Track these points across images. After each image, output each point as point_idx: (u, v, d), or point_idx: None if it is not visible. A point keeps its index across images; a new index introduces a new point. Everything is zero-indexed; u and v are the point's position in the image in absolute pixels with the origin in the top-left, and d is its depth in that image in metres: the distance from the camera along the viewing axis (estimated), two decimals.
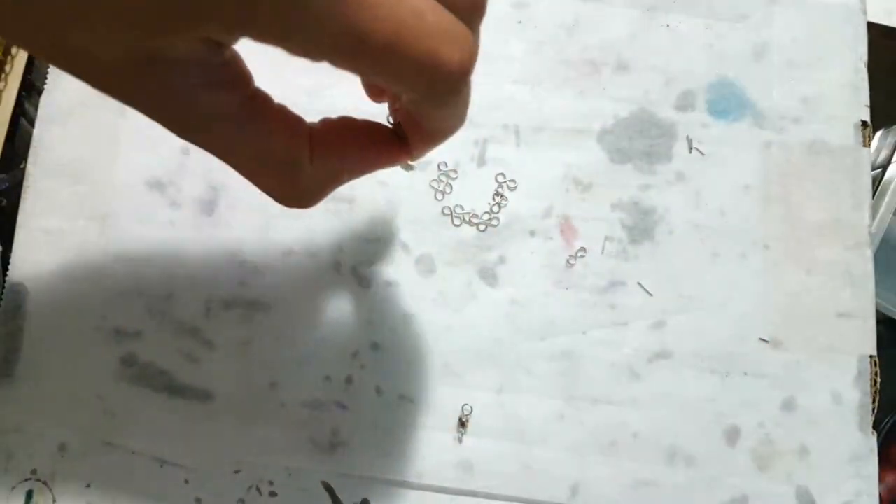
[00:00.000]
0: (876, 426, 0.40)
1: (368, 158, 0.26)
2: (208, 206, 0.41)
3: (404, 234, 0.41)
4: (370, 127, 0.27)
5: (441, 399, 0.39)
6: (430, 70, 0.20)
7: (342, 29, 0.20)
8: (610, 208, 0.42)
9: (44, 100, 0.42)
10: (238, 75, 0.23)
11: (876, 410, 0.40)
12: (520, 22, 0.44)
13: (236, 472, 0.39)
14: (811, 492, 0.39)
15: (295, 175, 0.24)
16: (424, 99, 0.23)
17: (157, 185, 0.41)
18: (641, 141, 0.43)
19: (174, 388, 0.39)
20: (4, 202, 0.42)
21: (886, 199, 0.44)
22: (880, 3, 0.46)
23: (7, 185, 0.42)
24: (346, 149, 0.25)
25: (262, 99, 0.24)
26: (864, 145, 0.43)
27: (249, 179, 0.24)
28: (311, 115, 0.26)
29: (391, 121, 0.27)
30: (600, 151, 0.42)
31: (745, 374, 0.40)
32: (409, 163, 0.26)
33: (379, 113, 0.30)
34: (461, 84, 0.22)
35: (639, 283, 0.41)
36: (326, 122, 0.26)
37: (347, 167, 0.26)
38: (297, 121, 0.25)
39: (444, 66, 0.21)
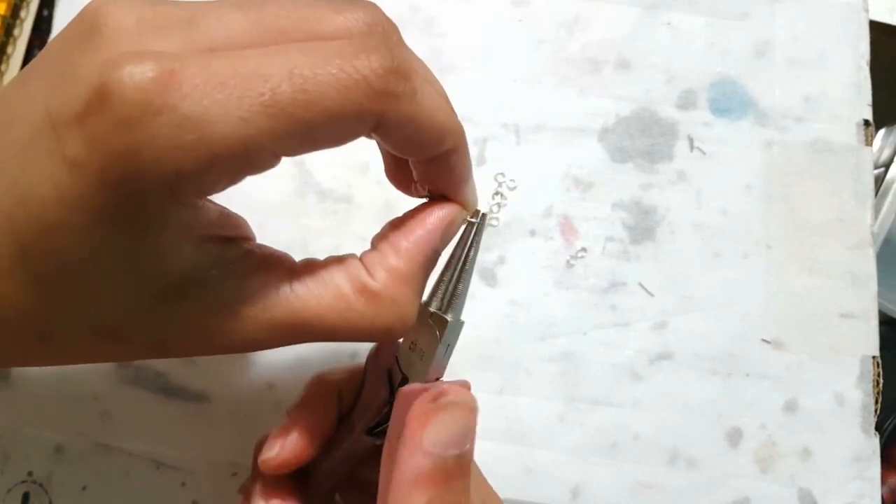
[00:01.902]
0: (878, 427, 0.40)
1: (435, 231, 0.26)
2: None
3: None
4: (418, 211, 0.27)
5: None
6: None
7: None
8: (611, 208, 0.42)
9: None
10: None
11: (878, 411, 0.40)
12: (520, 20, 0.44)
13: (233, 474, 0.38)
14: (813, 493, 0.39)
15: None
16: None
17: None
18: (642, 140, 0.42)
19: (170, 390, 0.39)
20: None
21: (889, 198, 0.44)
22: (882, 1, 0.45)
23: None
24: (413, 240, 0.26)
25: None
26: (867, 144, 0.42)
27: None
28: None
29: (424, 193, 0.28)
30: (601, 150, 0.42)
31: (747, 375, 0.40)
32: (471, 210, 0.27)
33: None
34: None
35: (640, 284, 0.41)
36: (383, 236, 0.26)
37: (428, 252, 0.26)
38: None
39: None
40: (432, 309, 0.26)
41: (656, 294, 0.41)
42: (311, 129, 0.20)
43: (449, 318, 0.25)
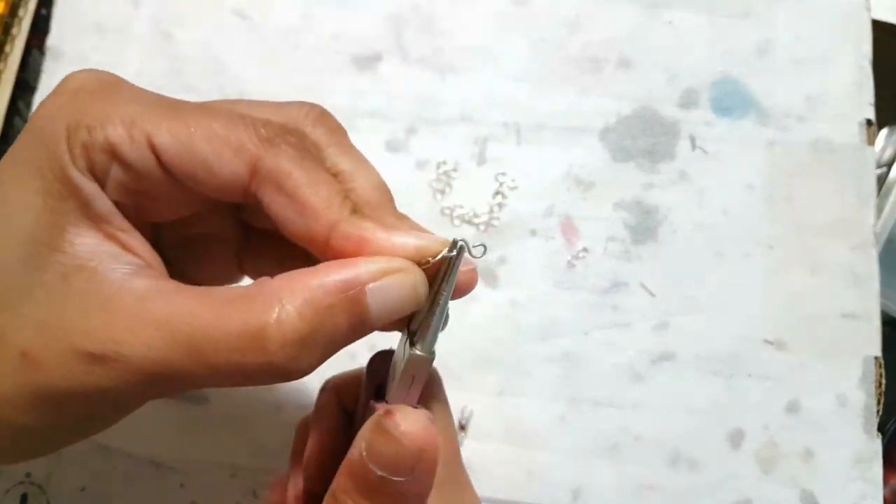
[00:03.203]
0: (881, 428, 0.39)
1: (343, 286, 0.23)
2: None
3: None
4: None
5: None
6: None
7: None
8: (612, 208, 0.41)
9: (37, 98, 0.42)
10: None
11: (881, 412, 0.40)
12: (520, 18, 0.43)
13: (232, 475, 0.38)
14: (815, 495, 0.39)
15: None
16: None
17: None
18: (644, 139, 0.42)
19: None
20: None
21: (891, 198, 0.43)
22: (884, 0, 0.45)
23: None
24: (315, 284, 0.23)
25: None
26: (869, 144, 0.42)
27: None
28: None
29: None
30: (602, 150, 0.42)
31: (749, 375, 0.40)
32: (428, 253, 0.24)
33: None
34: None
35: (641, 284, 0.41)
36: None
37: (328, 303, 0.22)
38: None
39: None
40: (406, 336, 0.24)
41: (658, 294, 0.40)
42: (190, 134, 0.22)
43: (416, 351, 0.24)
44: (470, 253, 0.23)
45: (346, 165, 0.25)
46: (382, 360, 0.28)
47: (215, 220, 0.27)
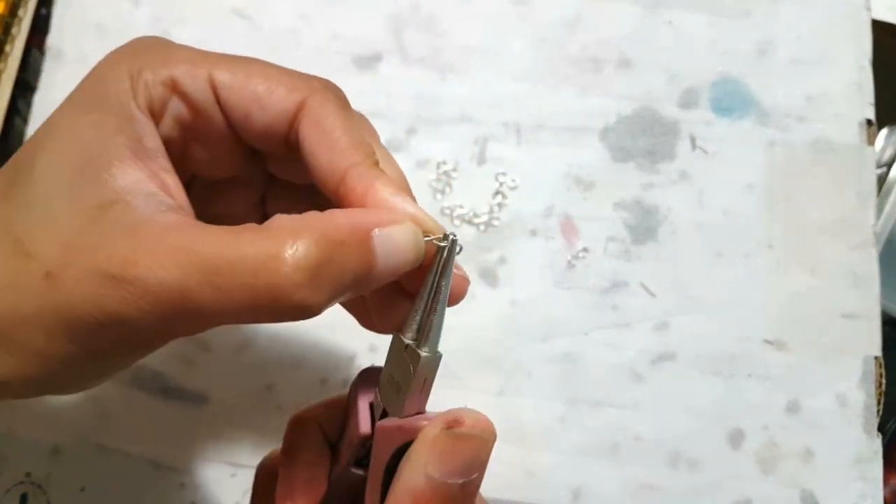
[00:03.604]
0: (881, 428, 0.39)
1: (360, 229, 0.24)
2: None
3: None
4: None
5: (440, 401, 0.39)
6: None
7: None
8: (612, 208, 0.41)
9: (37, 98, 0.42)
10: None
11: (881, 412, 0.40)
12: (520, 18, 0.43)
13: (232, 475, 0.38)
14: (815, 495, 0.39)
15: None
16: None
17: None
18: (644, 139, 0.42)
19: (169, 391, 0.39)
20: None
21: (891, 197, 0.43)
22: (884, 0, 0.45)
23: None
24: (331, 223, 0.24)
25: None
26: (869, 144, 0.42)
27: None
28: None
29: None
30: (602, 150, 0.42)
31: (749, 375, 0.40)
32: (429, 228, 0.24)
33: None
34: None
35: (641, 284, 0.41)
36: None
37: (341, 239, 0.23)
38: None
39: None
40: (407, 341, 0.24)
41: (658, 294, 0.40)
42: (247, 71, 0.25)
43: (423, 352, 0.24)
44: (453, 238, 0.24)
45: (378, 152, 0.26)
46: (370, 378, 0.27)
47: (244, 166, 0.28)
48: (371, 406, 0.26)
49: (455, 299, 0.25)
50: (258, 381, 0.39)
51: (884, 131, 0.45)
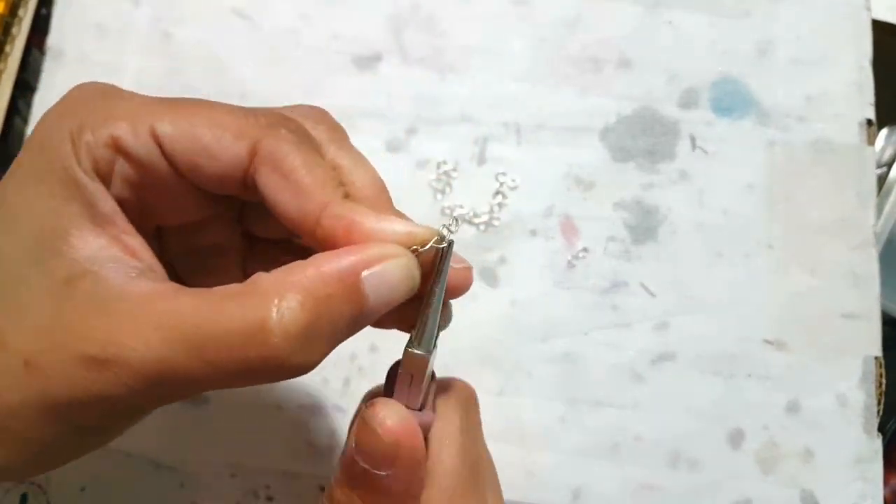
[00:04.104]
0: (881, 428, 0.39)
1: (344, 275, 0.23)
2: None
3: None
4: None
5: None
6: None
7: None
8: (612, 208, 0.41)
9: (37, 98, 0.42)
10: None
11: (881, 412, 0.40)
12: (520, 18, 0.43)
13: (232, 475, 0.38)
14: (815, 495, 0.39)
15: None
16: None
17: None
18: (644, 139, 0.42)
19: None
20: None
21: (891, 197, 0.43)
22: (884, 0, 0.45)
23: None
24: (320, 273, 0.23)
25: None
26: (869, 144, 0.42)
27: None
28: None
29: None
30: (602, 150, 0.42)
31: (749, 375, 0.40)
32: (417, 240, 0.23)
33: None
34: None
35: (641, 284, 0.41)
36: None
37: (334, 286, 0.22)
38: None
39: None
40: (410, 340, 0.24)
41: (658, 294, 0.40)
42: (191, 121, 0.23)
43: (411, 350, 0.24)
44: (449, 230, 0.23)
45: (345, 161, 0.25)
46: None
47: (219, 230, 0.27)
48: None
49: (460, 291, 0.25)
50: None
51: (884, 131, 0.45)
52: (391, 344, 0.39)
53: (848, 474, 0.39)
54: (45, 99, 0.41)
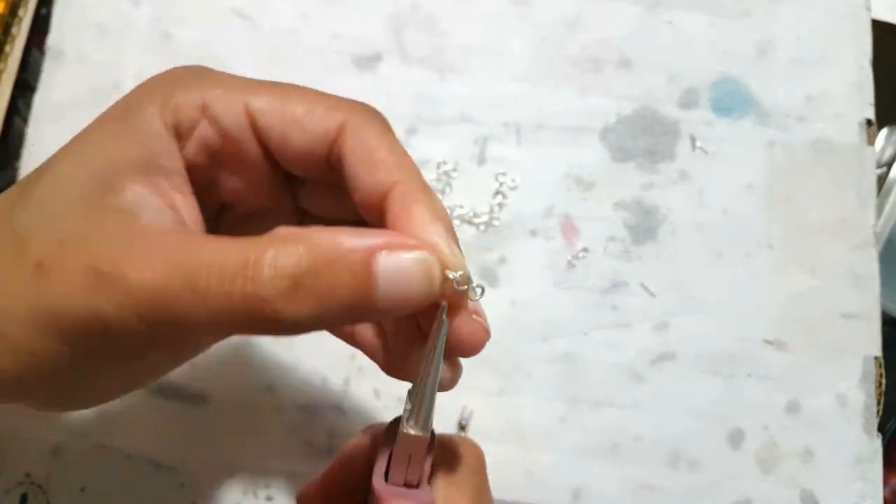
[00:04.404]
0: (881, 428, 0.39)
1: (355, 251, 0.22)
2: None
3: None
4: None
5: (440, 401, 0.39)
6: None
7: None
8: (612, 208, 0.41)
9: (37, 98, 0.42)
10: None
11: (881, 412, 0.40)
12: (520, 18, 0.43)
13: (232, 475, 0.38)
14: (815, 495, 0.39)
15: None
16: None
17: None
18: (644, 139, 0.42)
19: (169, 391, 0.38)
20: None
21: (891, 197, 0.43)
22: (884, 0, 0.45)
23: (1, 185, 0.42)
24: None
25: None
26: (869, 144, 0.42)
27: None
28: None
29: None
30: (602, 150, 0.42)
31: (749, 375, 0.40)
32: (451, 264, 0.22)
33: None
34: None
35: (641, 284, 0.41)
36: None
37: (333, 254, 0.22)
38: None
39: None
40: (406, 409, 0.23)
41: (658, 294, 0.40)
42: (286, 96, 0.24)
43: (407, 429, 0.22)
44: (468, 286, 0.22)
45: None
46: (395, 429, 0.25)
47: (276, 197, 0.28)
48: (390, 456, 0.25)
49: (468, 350, 0.24)
50: (258, 382, 0.39)
51: (884, 131, 0.45)
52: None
53: (848, 474, 0.39)
54: (45, 99, 0.41)
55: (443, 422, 0.39)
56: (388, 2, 0.43)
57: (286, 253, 0.20)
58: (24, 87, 0.43)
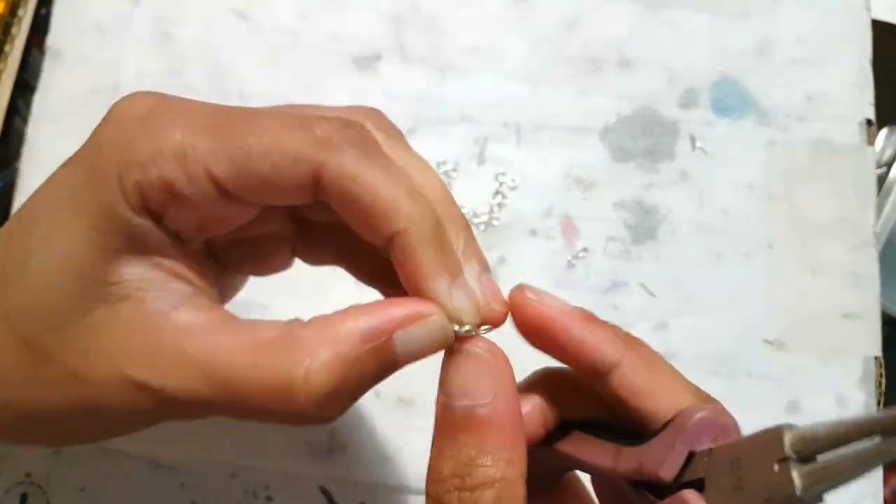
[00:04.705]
0: None
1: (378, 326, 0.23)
2: None
3: None
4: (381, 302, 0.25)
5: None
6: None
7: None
8: (612, 207, 0.41)
9: (37, 98, 0.41)
10: None
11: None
12: (520, 18, 0.43)
13: (232, 476, 0.38)
14: None
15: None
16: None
17: None
18: (644, 139, 0.42)
19: None
20: None
21: (891, 198, 0.43)
22: (884, 0, 0.45)
23: (1, 185, 0.42)
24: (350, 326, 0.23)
25: None
26: (869, 144, 0.42)
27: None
28: None
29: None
30: (602, 150, 0.42)
31: (749, 375, 0.40)
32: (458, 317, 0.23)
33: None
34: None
35: (641, 284, 0.41)
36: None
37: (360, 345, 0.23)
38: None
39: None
40: (790, 452, 0.19)
41: (658, 294, 0.40)
42: (247, 154, 0.22)
43: (799, 487, 0.18)
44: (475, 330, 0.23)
45: (408, 166, 0.24)
46: (709, 428, 0.22)
47: (271, 223, 0.27)
48: (690, 455, 0.22)
49: (496, 322, 0.24)
50: None
51: (884, 131, 0.45)
52: None
53: None
54: (44, 99, 0.41)
55: None
56: (388, 2, 0.43)
57: (317, 371, 0.21)
58: (24, 87, 0.43)
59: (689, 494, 0.21)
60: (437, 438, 0.23)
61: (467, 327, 0.23)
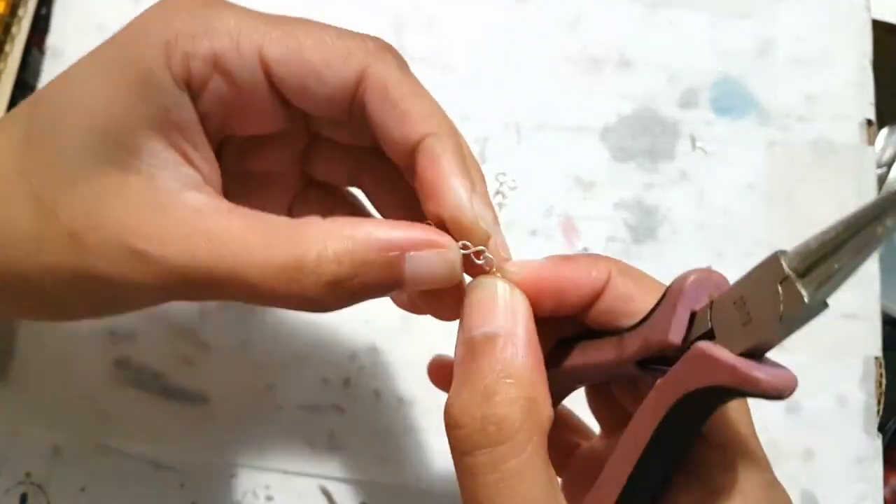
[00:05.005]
0: (881, 428, 0.39)
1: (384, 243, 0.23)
2: None
3: None
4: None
5: (440, 402, 0.39)
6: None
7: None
8: (612, 207, 0.41)
9: None
10: None
11: (881, 412, 0.40)
12: (521, 19, 0.43)
13: (232, 475, 0.38)
14: (816, 495, 0.39)
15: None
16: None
17: None
18: (644, 139, 0.42)
19: (169, 391, 0.38)
20: None
21: None
22: (884, 0, 0.45)
23: None
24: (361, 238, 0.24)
25: None
26: (869, 144, 0.42)
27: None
28: None
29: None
30: (603, 150, 0.42)
31: None
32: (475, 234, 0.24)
33: None
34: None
35: None
36: None
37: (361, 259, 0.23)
38: None
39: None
40: (788, 271, 0.19)
41: None
42: (301, 44, 0.23)
43: (806, 296, 0.18)
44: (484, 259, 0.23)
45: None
46: (704, 284, 0.22)
47: (280, 158, 0.28)
48: (692, 316, 0.22)
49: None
50: (258, 381, 0.39)
51: (884, 131, 0.45)
52: (391, 345, 0.39)
53: (848, 474, 0.39)
54: None
55: (442, 424, 0.39)
56: (388, 2, 0.43)
57: (327, 259, 0.21)
58: (24, 87, 0.43)
59: (702, 343, 0.21)
60: (458, 370, 0.23)
61: (472, 250, 0.23)
